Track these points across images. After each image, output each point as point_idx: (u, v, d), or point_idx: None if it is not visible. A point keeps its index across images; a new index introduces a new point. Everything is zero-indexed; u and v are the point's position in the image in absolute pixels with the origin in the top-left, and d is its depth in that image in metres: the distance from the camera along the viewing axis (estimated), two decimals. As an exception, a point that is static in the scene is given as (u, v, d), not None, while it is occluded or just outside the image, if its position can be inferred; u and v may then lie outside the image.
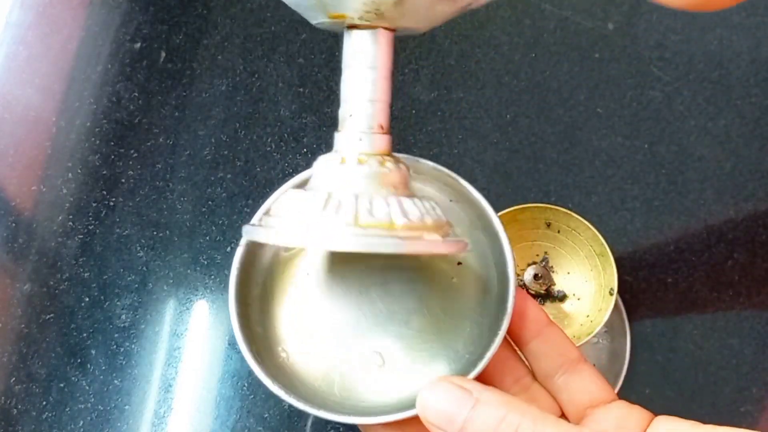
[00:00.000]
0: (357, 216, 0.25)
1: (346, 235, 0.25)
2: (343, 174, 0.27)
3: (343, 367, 0.33)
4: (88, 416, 0.53)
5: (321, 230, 0.25)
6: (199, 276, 0.56)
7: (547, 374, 0.33)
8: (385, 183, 0.27)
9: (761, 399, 0.51)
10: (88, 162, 0.59)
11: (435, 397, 0.27)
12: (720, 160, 0.57)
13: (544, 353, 0.32)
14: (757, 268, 0.54)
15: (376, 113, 0.28)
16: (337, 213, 0.26)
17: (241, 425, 0.52)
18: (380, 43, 0.27)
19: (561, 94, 0.59)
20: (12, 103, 0.62)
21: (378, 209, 0.26)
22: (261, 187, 0.58)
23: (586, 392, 0.32)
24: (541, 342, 0.32)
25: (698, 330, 0.53)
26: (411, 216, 0.26)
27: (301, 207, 0.27)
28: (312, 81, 0.61)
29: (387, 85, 0.28)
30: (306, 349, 0.33)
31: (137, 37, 0.63)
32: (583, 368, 0.32)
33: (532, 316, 0.32)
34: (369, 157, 0.27)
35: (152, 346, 0.54)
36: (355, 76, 0.28)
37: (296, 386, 0.32)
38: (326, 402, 0.31)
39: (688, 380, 0.52)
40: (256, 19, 0.63)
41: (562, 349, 0.32)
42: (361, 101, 0.27)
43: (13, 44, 0.64)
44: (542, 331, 0.32)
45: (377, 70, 0.27)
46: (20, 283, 0.56)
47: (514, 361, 0.33)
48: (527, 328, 0.32)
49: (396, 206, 0.26)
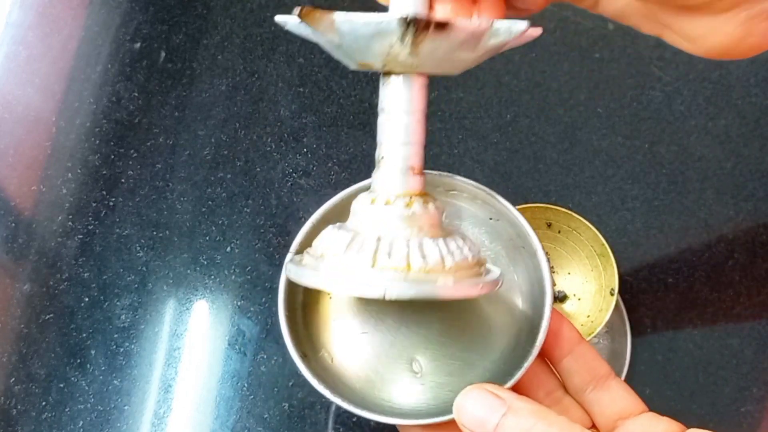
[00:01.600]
0: (375, 258, 0.27)
1: (359, 280, 0.26)
2: (371, 215, 0.29)
3: (383, 374, 0.34)
4: (87, 416, 0.53)
5: (337, 273, 0.27)
6: (199, 276, 0.56)
7: (578, 389, 0.34)
8: (411, 224, 0.28)
9: (761, 399, 0.51)
10: (88, 162, 0.59)
11: (470, 402, 0.29)
12: (720, 160, 0.57)
13: (576, 370, 0.34)
14: (758, 268, 0.54)
15: (408, 156, 0.29)
16: (357, 254, 0.27)
17: (240, 425, 0.52)
18: (413, 88, 0.28)
19: (561, 94, 0.59)
20: (12, 103, 0.62)
21: (396, 252, 0.27)
22: (261, 187, 0.58)
23: (616, 405, 0.33)
24: (573, 359, 0.34)
25: (698, 330, 0.53)
26: (429, 259, 0.27)
27: (328, 246, 0.28)
28: (312, 81, 0.61)
29: (419, 128, 0.29)
30: (348, 354, 0.35)
31: (137, 37, 0.63)
32: (613, 383, 0.34)
33: (566, 335, 0.34)
34: (397, 199, 0.28)
35: (152, 347, 0.54)
36: (389, 119, 0.29)
37: (339, 387, 0.33)
38: (366, 403, 0.33)
39: (688, 380, 0.52)
40: (256, 19, 0.63)
41: (592, 365, 0.34)
42: (393, 144, 0.29)
43: (13, 44, 0.64)
44: (574, 349, 0.34)
45: (410, 114, 0.28)
46: (20, 283, 0.56)
47: (547, 375, 0.35)
48: (560, 347, 0.34)
49: (416, 249, 0.27)
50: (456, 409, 0.29)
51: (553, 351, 0.34)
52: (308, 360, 0.33)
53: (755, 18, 0.27)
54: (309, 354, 0.34)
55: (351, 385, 0.34)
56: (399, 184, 0.29)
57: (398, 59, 0.27)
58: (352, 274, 0.27)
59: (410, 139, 0.29)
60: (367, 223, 0.28)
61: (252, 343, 0.54)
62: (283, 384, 0.53)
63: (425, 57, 0.26)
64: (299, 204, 0.57)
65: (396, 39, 0.25)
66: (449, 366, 0.34)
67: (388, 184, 0.29)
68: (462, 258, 0.28)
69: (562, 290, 0.51)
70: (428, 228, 0.28)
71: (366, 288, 0.26)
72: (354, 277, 0.27)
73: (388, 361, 0.34)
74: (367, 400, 0.33)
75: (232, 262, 0.56)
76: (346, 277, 0.27)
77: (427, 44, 0.26)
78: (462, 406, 0.29)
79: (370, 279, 0.26)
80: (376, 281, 0.26)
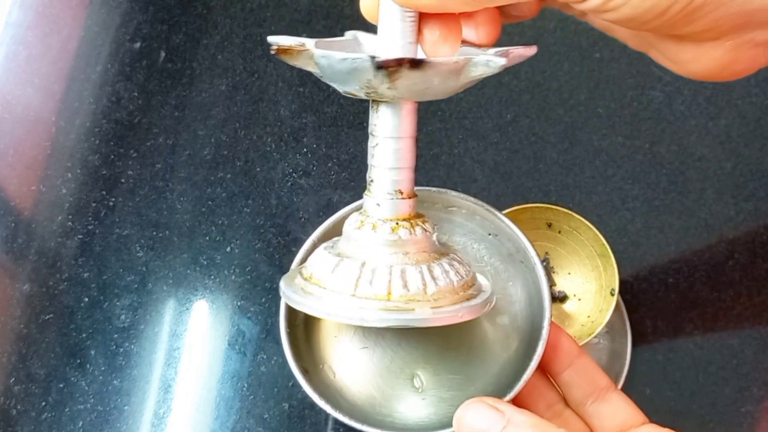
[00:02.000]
0: (357, 285, 0.27)
1: (340, 307, 0.27)
2: (358, 239, 0.29)
3: (384, 389, 0.35)
4: (87, 417, 0.53)
5: (319, 299, 0.28)
6: (198, 276, 0.56)
7: (578, 402, 0.34)
8: (397, 249, 0.28)
9: (762, 399, 0.51)
10: (87, 162, 0.59)
11: (470, 415, 0.29)
12: (720, 160, 0.57)
13: (576, 383, 0.34)
14: (758, 268, 0.54)
15: (397, 180, 0.29)
16: (341, 280, 0.27)
17: (240, 425, 0.52)
18: (400, 114, 0.29)
19: (561, 94, 0.59)
20: (12, 103, 0.62)
21: (378, 279, 0.27)
22: (261, 187, 0.58)
23: (616, 417, 0.34)
24: (572, 372, 0.34)
25: (699, 330, 0.53)
26: (411, 286, 0.27)
27: (317, 268, 0.29)
28: (312, 81, 0.61)
29: (408, 153, 0.29)
30: (349, 370, 0.35)
31: (137, 36, 0.63)
32: (613, 395, 0.34)
33: (565, 348, 0.34)
34: (384, 223, 0.29)
35: (152, 347, 0.54)
36: (378, 143, 0.29)
37: (340, 402, 0.34)
38: (368, 418, 0.33)
39: (689, 380, 0.52)
40: (256, 19, 0.63)
41: (592, 378, 0.34)
42: (382, 168, 0.29)
43: (13, 44, 0.64)
44: (574, 361, 0.34)
45: (398, 139, 0.29)
46: (20, 283, 0.56)
47: (547, 388, 0.35)
48: (560, 360, 0.34)
49: (397, 277, 0.28)
50: (456, 422, 0.30)
51: (553, 364, 0.34)
52: (309, 375, 0.33)
53: (742, 46, 0.27)
54: (310, 369, 0.34)
55: (352, 401, 0.34)
56: (386, 209, 0.29)
57: (378, 91, 0.27)
58: (334, 300, 0.27)
59: (399, 164, 0.29)
60: (354, 246, 0.29)
61: (252, 343, 0.54)
62: (283, 384, 0.53)
63: (405, 90, 0.27)
64: (299, 204, 0.57)
65: (371, 76, 0.26)
66: (450, 380, 0.35)
67: (376, 208, 0.29)
68: (447, 283, 0.28)
69: (563, 290, 0.51)
70: (414, 253, 0.29)
71: (345, 315, 0.27)
72: (335, 304, 0.27)
73: (389, 376, 0.35)
74: (368, 416, 0.34)
75: (232, 262, 0.56)
76: (327, 304, 0.27)
77: (404, 80, 0.26)
78: (462, 419, 0.30)
79: (350, 307, 0.27)
80: (354, 310, 0.27)
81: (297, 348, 0.34)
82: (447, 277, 0.28)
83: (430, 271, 0.28)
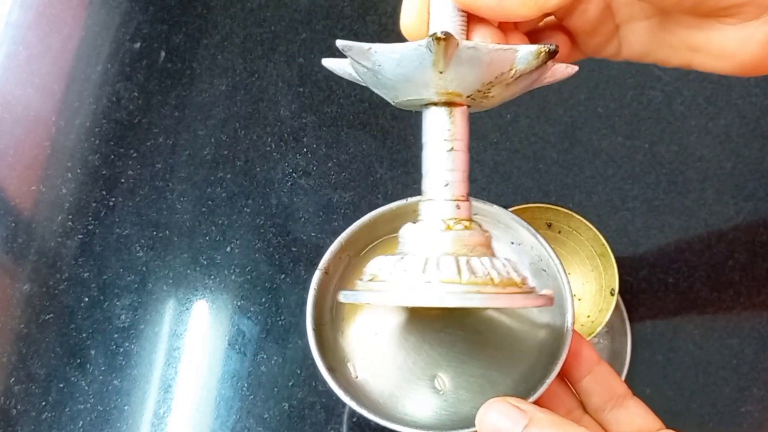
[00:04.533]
0: (425, 271, 0.28)
1: (417, 292, 0.27)
2: (417, 238, 0.30)
3: (406, 390, 0.35)
4: (87, 416, 0.53)
5: (394, 288, 0.28)
6: (198, 276, 0.56)
7: (597, 408, 0.35)
8: (457, 244, 0.29)
9: (762, 399, 0.51)
10: (87, 162, 0.59)
11: (492, 414, 0.30)
12: (720, 160, 0.57)
13: (595, 390, 0.35)
14: (758, 268, 0.54)
15: (456, 184, 0.30)
16: (409, 271, 0.28)
17: (240, 425, 0.52)
18: (453, 116, 0.29)
19: (561, 94, 0.59)
20: (12, 102, 0.62)
21: (445, 267, 0.28)
22: (261, 187, 0.58)
23: (634, 424, 0.34)
24: (592, 379, 0.35)
25: (698, 330, 0.53)
26: (478, 273, 0.28)
27: (379, 267, 0.29)
28: (312, 81, 0.61)
29: (464, 158, 0.30)
30: (372, 371, 0.36)
31: (137, 36, 0.63)
32: (631, 402, 0.35)
33: (585, 356, 0.35)
34: (455, 223, 0.30)
35: (152, 347, 0.54)
36: (432, 149, 0.30)
37: (363, 400, 0.34)
38: (389, 416, 0.34)
39: (689, 380, 0.52)
40: (256, 19, 0.63)
41: (610, 385, 0.35)
42: (437, 172, 0.30)
43: (13, 44, 0.64)
44: (593, 369, 0.35)
45: (452, 141, 0.30)
46: (20, 283, 0.56)
47: (567, 395, 0.36)
48: (580, 367, 0.35)
49: (464, 264, 0.28)
50: (478, 420, 0.30)
51: (573, 371, 0.35)
52: (335, 373, 0.34)
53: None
54: (335, 368, 0.35)
55: (374, 400, 0.35)
56: (450, 211, 0.30)
57: (432, 83, 0.28)
58: (409, 286, 0.28)
59: (456, 167, 0.30)
60: (414, 245, 0.29)
61: (252, 343, 0.54)
62: (283, 384, 0.53)
63: (457, 80, 0.28)
64: (299, 204, 0.57)
65: (428, 60, 0.27)
66: (471, 383, 0.35)
67: (441, 212, 0.30)
68: (507, 275, 0.29)
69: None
70: (474, 247, 0.29)
71: (424, 299, 0.27)
72: (412, 289, 0.27)
73: (411, 377, 0.35)
74: (390, 415, 0.34)
75: (232, 262, 0.56)
76: (403, 290, 0.28)
77: (455, 66, 0.27)
78: (484, 417, 0.30)
79: (428, 289, 0.27)
80: (433, 292, 0.27)
81: (322, 348, 0.35)
82: (507, 269, 0.29)
83: (492, 263, 0.29)
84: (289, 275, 0.55)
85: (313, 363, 0.53)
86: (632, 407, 0.35)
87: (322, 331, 0.35)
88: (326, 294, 0.36)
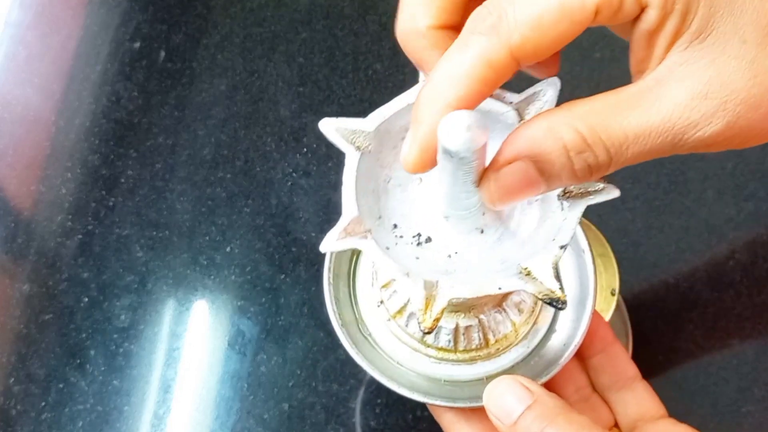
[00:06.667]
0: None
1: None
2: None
3: (420, 356, 0.35)
4: (87, 417, 0.53)
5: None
6: (198, 276, 0.56)
7: (604, 387, 0.36)
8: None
9: (762, 399, 0.51)
10: (87, 162, 0.59)
11: (499, 390, 0.30)
12: (721, 160, 0.56)
13: (604, 369, 0.35)
14: (758, 268, 0.54)
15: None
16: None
17: (240, 426, 0.52)
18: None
19: (561, 93, 0.59)
20: (11, 102, 0.62)
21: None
22: (261, 187, 0.58)
23: (638, 407, 0.35)
24: (603, 358, 0.35)
25: (699, 330, 0.53)
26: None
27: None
28: (312, 81, 0.61)
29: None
30: (387, 336, 0.35)
31: (137, 36, 0.63)
32: (638, 385, 0.35)
33: (600, 334, 0.35)
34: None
35: (151, 347, 0.54)
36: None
37: (377, 364, 0.34)
38: (401, 383, 0.33)
39: (689, 380, 0.52)
40: (256, 18, 0.63)
41: (621, 366, 0.35)
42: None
43: (13, 44, 0.64)
44: (606, 348, 0.35)
45: None
46: (19, 283, 0.56)
47: (577, 372, 0.36)
48: (593, 345, 0.35)
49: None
50: (486, 394, 0.30)
51: (586, 349, 0.35)
52: (346, 328, 0.33)
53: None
54: (352, 334, 0.34)
55: (390, 363, 0.35)
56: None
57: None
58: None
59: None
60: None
61: (252, 344, 0.54)
62: (283, 384, 0.53)
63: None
64: (299, 204, 0.57)
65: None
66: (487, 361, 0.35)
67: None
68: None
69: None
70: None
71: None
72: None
73: (421, 344, 0.35)
74: (402, 380, 0.34)
75: (232, 262, 0.56)
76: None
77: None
78: (492, 392, 0.30)
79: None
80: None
81: (340, 310, 0.34)
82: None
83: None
84: (289, 275, 0.55)
85: (313, 363, 0.53)
86: (639, 390, 0.35)
87: (337, 284, 0.35)
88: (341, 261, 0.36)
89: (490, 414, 0.30)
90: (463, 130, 0.23)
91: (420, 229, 0.29)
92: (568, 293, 0.35)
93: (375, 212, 0.29)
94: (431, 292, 0.26)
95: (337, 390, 0.52)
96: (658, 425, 0.34)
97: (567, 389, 0.36)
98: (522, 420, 0.29)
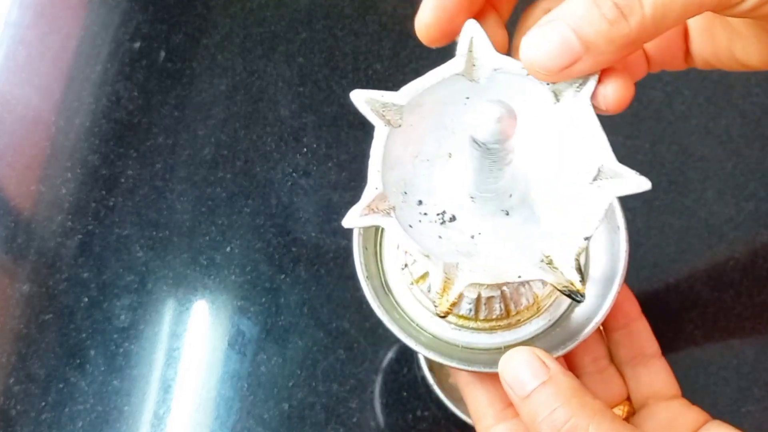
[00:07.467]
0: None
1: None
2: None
3: (440, 321, 0.34)
4: (87, 417, 0.53)
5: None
6: (198, 276, 0.56)
7: (622, 361, 0.35)
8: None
9: (762, 399, 0.51)
10: (87, 162, 0.59)
11: (516, 361, 0.29)
12: (721, 160, 0.56)
13: (624, 343, 0.35)
14: (759, 268, 0.54)
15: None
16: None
17: (240, 426, 0.52)
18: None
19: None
20: (11, 102, 0.62)
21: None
22: (261, 187, 0.58)
23: (653, 384, 0.35)
24: (625, 333, 0.35)
25: (699, 330, 0.53)
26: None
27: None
28: (312, 81, 0.61)
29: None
30: (409, 299, 0.34)
31: (137, 36, 0.63)
32: (656, 363, 0.35)
33: (626, 309, 0.35)
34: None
35: (151, 347, 0.54)
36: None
37: (400, 323, 0.33)
38: (419, 341, 0.32)
39: (689, 380, 0.52)
40: (256, 18, 0.63)
41: (641, 342, 0.35)
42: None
43: (13, 44, 0.64)
44: (629, 324, 0.35)
45: None
46: (19, 283, 0.56)
47: (597, 342, 0.36)
48: (617, 319, 0.35)
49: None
50: (502, 364, 0.30)
51: (610, 321, 0.35)
52: (371, 281, 0.33)
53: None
54: (372, 278, 0.34)
55: (412, 323, 0.34)
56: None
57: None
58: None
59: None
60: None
61: (252, 344, 0.54)
62: (283, 384, 0.53)
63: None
64: (299, 204, 0.57)
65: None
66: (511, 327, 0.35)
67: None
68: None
69: (563, 290, 0.51)
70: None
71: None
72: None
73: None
74: (422, 340, 0.33)
75: (232, 262, 0.56)
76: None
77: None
78: (508, 362, 0.30)
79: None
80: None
81: (369, 271, 0.33)
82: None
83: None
84: (289, 275, 0.55)
85: (313, 363, 0.53)
86: (656, 367, 0.35)
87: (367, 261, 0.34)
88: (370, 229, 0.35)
89: (504, 382, 0.29)
90: (493, 122, 0.23)
91: (445, 206, 0.29)
92: (596, 268, 0.34)
93: (401, 188, 0.28)
94: (450, 275, 0.26)
95: (337, 390, 0.52)
96: (670, 405, 0.34)
97: (584, 359, 0.35)
98: (535, 395, 0.28)
